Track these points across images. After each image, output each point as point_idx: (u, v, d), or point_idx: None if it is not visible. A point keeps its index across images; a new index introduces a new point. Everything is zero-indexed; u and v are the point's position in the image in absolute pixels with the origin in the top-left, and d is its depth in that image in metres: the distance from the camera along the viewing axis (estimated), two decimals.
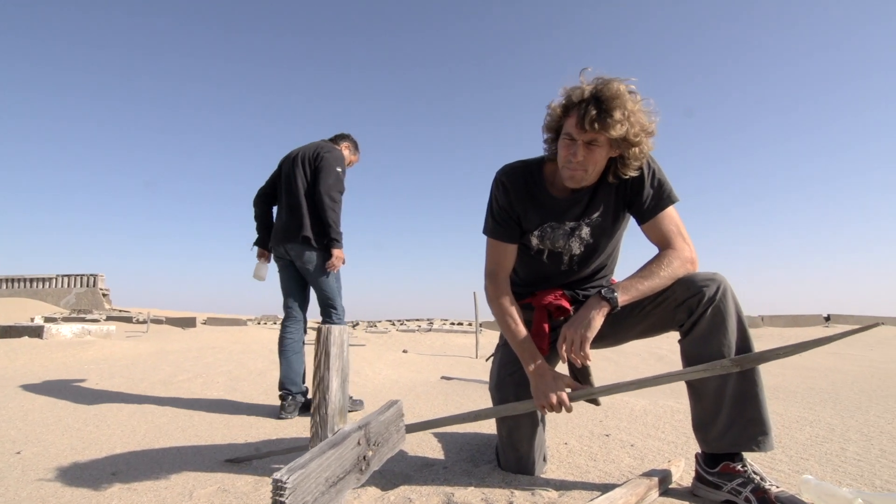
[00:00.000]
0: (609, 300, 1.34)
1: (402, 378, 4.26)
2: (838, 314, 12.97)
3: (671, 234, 1.44)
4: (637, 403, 2.65)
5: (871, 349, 6.89)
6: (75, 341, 5.81)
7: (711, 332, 1.32)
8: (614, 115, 1.30)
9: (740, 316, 1.34)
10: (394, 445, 0.92)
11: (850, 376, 4.03)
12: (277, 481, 0.57)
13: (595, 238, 1.55)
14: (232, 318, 16.01)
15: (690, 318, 1.35)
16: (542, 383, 1.40)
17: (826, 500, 1.25)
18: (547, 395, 1.37)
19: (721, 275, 1.36)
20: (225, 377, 3.85)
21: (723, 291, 1.33)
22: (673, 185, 1.49)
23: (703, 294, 1.33)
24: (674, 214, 1.48)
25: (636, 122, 1.33)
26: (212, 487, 1.52)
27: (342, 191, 2.81)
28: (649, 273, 1.38)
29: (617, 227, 1.58)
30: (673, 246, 1.43)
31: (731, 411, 1.31)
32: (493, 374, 1.64)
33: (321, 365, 0.75)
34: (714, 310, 1.32)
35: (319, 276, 2.78)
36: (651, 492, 1.31)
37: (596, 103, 1.32)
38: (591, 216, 1.53)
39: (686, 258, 1.41)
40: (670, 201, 1.47)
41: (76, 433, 2.22)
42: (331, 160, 2.79)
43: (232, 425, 2.40)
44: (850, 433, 2.07)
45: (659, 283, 1.38)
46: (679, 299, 1.37)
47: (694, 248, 1.44)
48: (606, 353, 6.22)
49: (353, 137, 3.16)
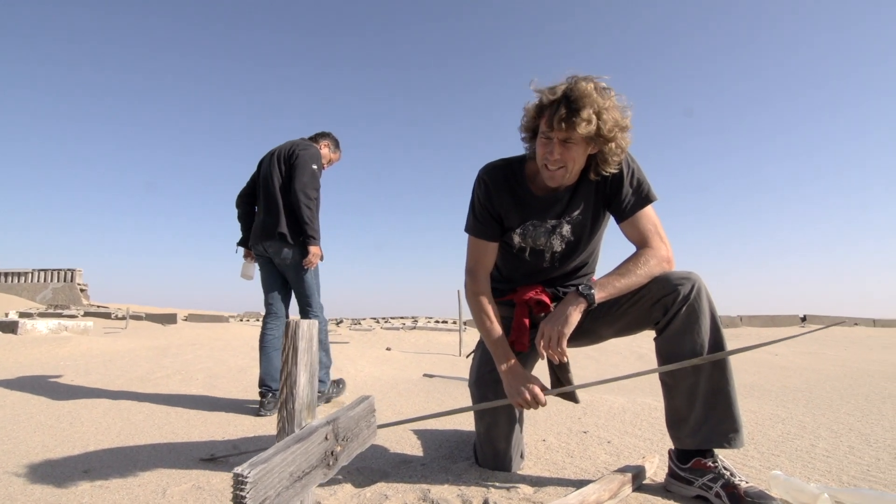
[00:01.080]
0: (586, 296, 1.36)
1: (385, 375, 4.25)
2: (814, 314, 13.27)
3: (649, 233, 1.47)
4: (616, 401, 2.68)
5: (844, 349, 7.05)
6: (51, 337, 5.68)
7: (685, 331, 1.35)
8: (582, 113, 1.32)
9: (714, 314, 1.37)
10: (364, 441, 0.92)
11: (823, 375, 4.13)
12: (238, 475, 0.56)
13: (576, 235, 1.57)
14: (214, 315, 15.80)
15: (666, 316, 1.38)
16: (515, 381, 1.42)
17: (794, 496, 1.28)
18: (520, 392, 1.39)
19: (696, 273, 1.39)
20: (204, 374, 3.80)
21: (697, 290, 1.35)
22: (651, 185, 1.51)
23: (678, 292, 1.35)
24: (652, 214, 1.50)
25: (608, 119, 1.35)
26: (186, 485, 1.50)
27: (317, 188, 2.80)
28: (626, 271, 1.41)
29: (597, 226, 1.60)
30: (650, 245, 1.45)
31: (704, 409, 1.34)
32: (472, 371, 1.65)
33: (289, 360, 0.74)
34: (688, 308, 1.35)
35: (296, 272, 2.79)
36: (624, 487, 1.33)
37: (566, 102, 1.34)
38: (572, 214, 1.55)
39: (662, 257, 1.43)
40: (648, 200, 1.50)
41: (48, 430, 2.18)
42: (306, 158, 2.79)
43: (209, 422, 2.37)
44: (821, 430, 2.12)
45: (636, 281, 1.40)
46: (655, 297, 1.39)
47: (671, 247, 1.47)
48: (588, 351, 6.28)
49: (333, 136, 3.15)
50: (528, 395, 1.38)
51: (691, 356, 1.32)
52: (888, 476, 1.54)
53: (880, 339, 9.43)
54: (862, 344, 8.28)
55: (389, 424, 1.55)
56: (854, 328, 12.25)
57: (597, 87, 1.35)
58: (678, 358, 1.34)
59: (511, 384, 1.42)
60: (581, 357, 5.97)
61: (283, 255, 2.75)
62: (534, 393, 1.39)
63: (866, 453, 1.78)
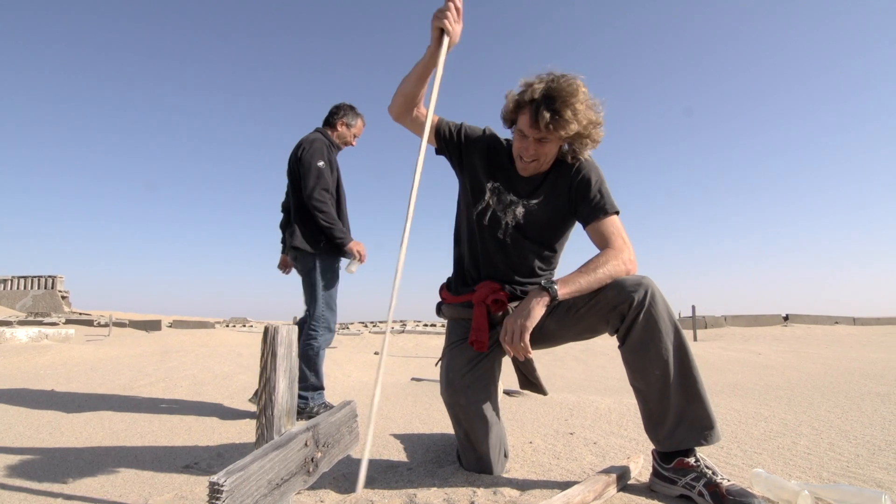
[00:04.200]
0: (549, 290, 1.39)
1: (372, 380, 4.23)
2: (796, 314, 13.49)
3: (612, 235, 1.51)
4: (602, 402, 2.70)
5: (826, 347, 7.18)
6: (31, 345, 5.57)
7: (648, 340, 1.37)
8: (565, 114, 1.40)
9: (671, 317, 1.39)
10: (346, 447, 0.91)
11: (804, 373, 4.20)
12: (214, 484, 0.55)
13: (526, 220, 1.62)
14: (199, 321, 15.61)
15: (623, 324, 1.40)
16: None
17: (775, 493, 1.30)
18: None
19: (648, 278, 1.41)
20: (189, 381, 3.75)
21: (651, 296, 1.37)
22: (615, 199, 1.58)
23: (632, 299, 1.37)
24: (616, 221, 1.55)
25: (583, 118, 1.44)
26: (169, 494, 1.48)
27: (326, 187, 2.64)
28: (588, 269, 1.44)
29: (554, 224, 1.64)
30: (612, 246, 1.49)
31: (677, 411, 1.36)
32: (442, 377, 1.65)
33: (268, 365, 0.74)
34: (646, 315, 1.36)
35: (303, 280, 2.73)
36: (609, 488, 1.34)
37: (545, 104, 1.41)
38: (530, 200, 1.62)
39: (625, 258, 1.46)
40: (614, 210, 1.55)
41: (28, 440, 2.13)
42: (307, 159, 2.64)
43: (193, 430, 2.34)
44: (802, 428, 2.15)
45: (598, 279, 1.42)
46: (610, 304, 1.41)
47: (633, 250, 1.50)
48: (575, 353, 6.31)
49: (346, 106, 2.87)
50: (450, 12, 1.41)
51: (658, 361, 1.35)
52: (867, 472, 1.57)
53: (860, 338, 9.62)
54: (842, 342, 8.44)
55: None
56: (835, 326, 12.48)
57: (572, 87, 1.42)
58: (646, 367, 1.37)
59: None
60: (568, 359, 6.00)
61: (297, 265, 2.74)
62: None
63: (846, 450, 1.81)
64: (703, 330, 12.62)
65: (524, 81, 1.50)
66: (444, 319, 1.81)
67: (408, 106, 1.61)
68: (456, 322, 1.73)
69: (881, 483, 1.46)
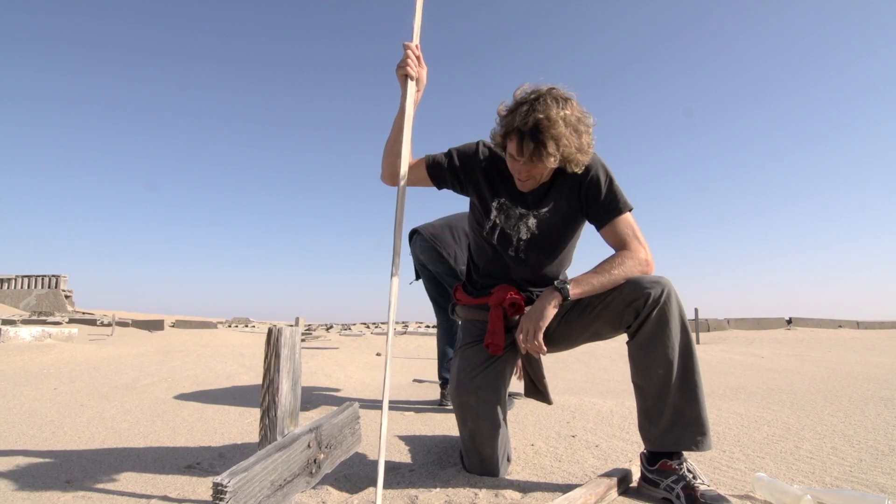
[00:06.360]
0: (561, 290, 1.40)
1: (374, 381, 4.24)
2: (799, 317, 13.45)
3: (627, 236, 1.50)
4: (604, 405, 2.69)
5: (829, 351, 7.15)
6: (34, 345, 5.59)
7: (657, 337, 1.37)
8: (549, 147, 1.35)
9: (683, 318, 1.39)
10: (349, 448, 0.92)
11: (807, 377, 4.18)
12: (217, 485, 0.55)
13: (541, 230, 1.60)
14: (202, 321, 15.64)
15: (637, 320, 1.39)
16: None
17: (778, 497, 1.30)
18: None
19: (666, 278, 1.41)
20: (191, 381, 3.76)
21: (667, 294, 1.37)
22: (627, 195, 1.55)
23: (648, 296, 1.37)
24: (630, 219, 1.53)
25: (569, 146, 1.38)
26: (171, 494, 1.48)
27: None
28: (602, 270, 1.43)
29: (567, 229, 1.62)
30: (628, 247, 1.48)
31: (673, 412, 1.36)
32: (452, 378, 1.66)
33: (271, 367, 0.74)
34: (659, 312, 1.36)
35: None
36: (610, 491, 1.34)
37: (532, 135, 1.37)
38: (540, 209, 1.59)
39: (641, 259, 1.46)
40: (627, 207, 1.53)
41: (30, 440, 2.14)
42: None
43: (196, 431, 2.35)
44: (805, 432, 2.14)
45: (611, 280, 1.42)
46: (626, 300, 1.41)
47: (650, 250, 1.49)
48: (578, 355, 6.30)
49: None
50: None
51: (662, 360, 1.35)
52: (870, 477, 1.56)
53: (864, 341, 9.58)
54: (846, 346, 8.41)
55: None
56: (839, 330, 12.43)
57: (560, 111, 1.36)
58: (650, 364, 1.37)
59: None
60: (571, 361, 5.98)
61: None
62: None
63: (849, 454, 1.80)
64: (706, 333, 12.59)
65: (511, 105, 1.45)
66: (458, 321, 1.81)
67: (398, 164, 1.58)
68: (471, 324, 1.72)
69: (884, 488, 1.46)
